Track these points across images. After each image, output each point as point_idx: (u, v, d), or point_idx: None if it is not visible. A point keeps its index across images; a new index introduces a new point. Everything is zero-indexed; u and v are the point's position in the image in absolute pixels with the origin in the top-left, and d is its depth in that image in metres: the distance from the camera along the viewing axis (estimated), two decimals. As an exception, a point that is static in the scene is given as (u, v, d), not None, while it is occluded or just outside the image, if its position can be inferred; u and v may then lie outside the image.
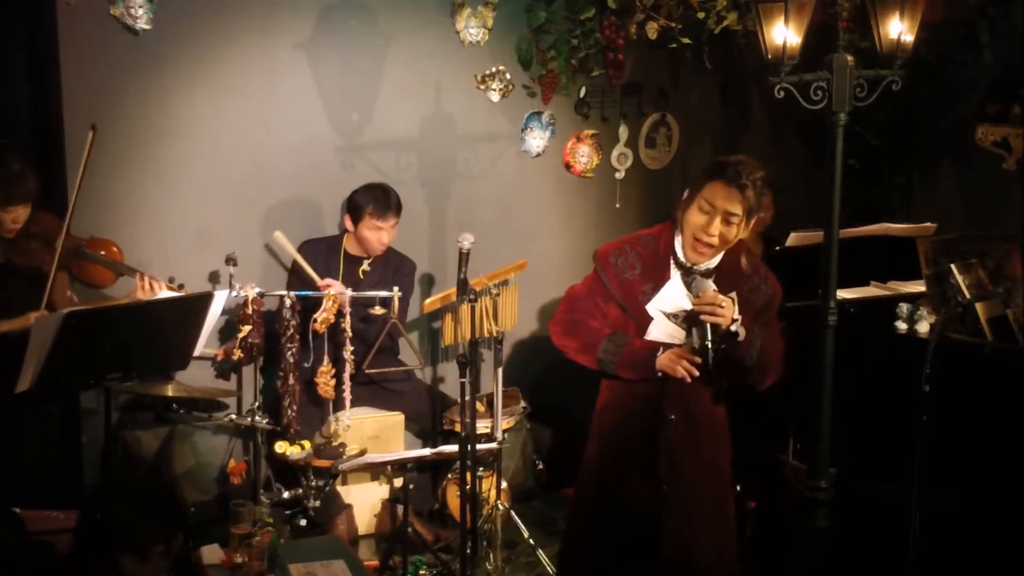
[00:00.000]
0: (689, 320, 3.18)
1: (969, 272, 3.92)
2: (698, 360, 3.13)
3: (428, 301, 4.57)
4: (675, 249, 3.22)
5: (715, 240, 3.11)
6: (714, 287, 3.13)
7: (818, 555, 3.42)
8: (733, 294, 3.13)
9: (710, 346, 3.05)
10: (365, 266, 4.76)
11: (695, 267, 3.18)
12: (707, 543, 3.31)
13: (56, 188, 4.25)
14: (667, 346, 3.20)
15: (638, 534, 3.28)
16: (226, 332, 4.71)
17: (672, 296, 3.21)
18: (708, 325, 3.06)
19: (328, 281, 4.46)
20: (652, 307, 3.22)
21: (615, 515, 3.32)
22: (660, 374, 3.18)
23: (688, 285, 3.19)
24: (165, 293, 4.10)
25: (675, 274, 3.22)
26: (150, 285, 4.08)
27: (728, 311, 3.06)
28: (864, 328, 4.19)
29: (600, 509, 3.37)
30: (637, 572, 3.31)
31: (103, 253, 4.12)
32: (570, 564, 3.53)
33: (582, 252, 5.24)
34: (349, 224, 4.74)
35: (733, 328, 3.08)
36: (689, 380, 3.14)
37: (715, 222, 3.09)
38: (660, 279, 3.22)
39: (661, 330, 3.22)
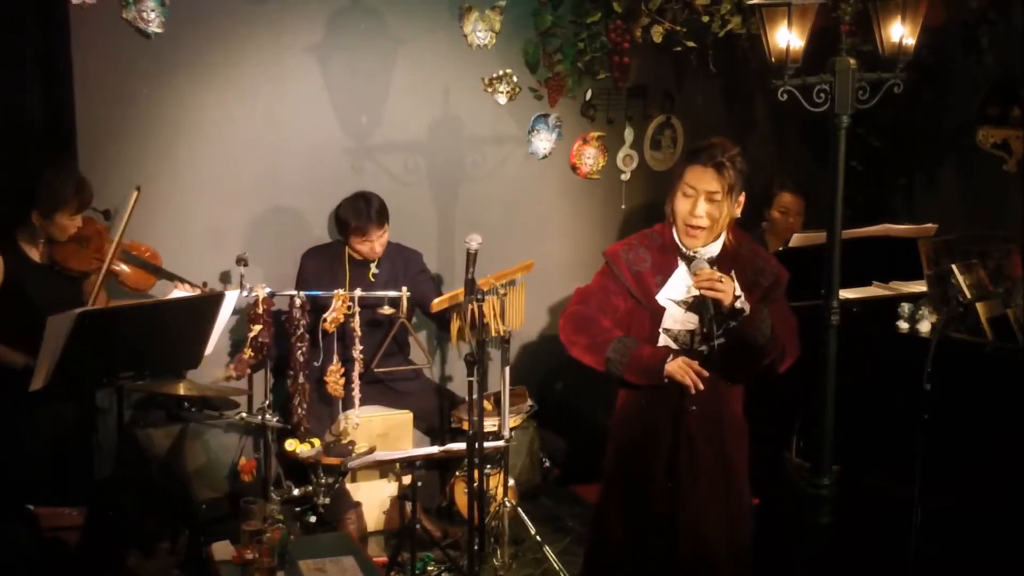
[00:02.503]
0: (698, 306, 3.23)
1: (970, 272, 3.94)
2: (706, 374, 3.17)
3: (436, 301, 4.60)
4: (676, 240, 3.29)
5: (703, 221, 3.19)
6: (710, 266, 3.20)
7: (820, 551, 3.45)
8: (732, 273, 3.19)
9: (715, 327, 3.11)
10: (374, 269, 4.78)
11: (696, 253, 3.24)
12: (721, 539, 3.31)
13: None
14: (677, 352, 3.24)
15: (657, 533, 3.29)
16: (235, 333, 4.77)
17: (680, 285, 3.28)
18: (711, 303, 3.12)
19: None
20: (662, 297, 3.28)
21: (637, 515, 3.33)
22: (667, 380, 3.21)
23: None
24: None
25: (681, 264, 3.29)
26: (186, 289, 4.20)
27: (727, 286, 3.12)
28: (866, 327, 4.22)
29: (623, 510, 3.38)
30: (656, 570, 3.33)
31: (147, 256, 4.24)
32: (597, 568, 3.53)
33: (588, 252, 5.29)
34: (342, 237, 4.79)
35: (738, 305, 3.14)
36: (694, 391, 3.16)
37: (699, 203, 3.18)
38: (669, 270, 3.30)
39: (674, 319, 3.28)
